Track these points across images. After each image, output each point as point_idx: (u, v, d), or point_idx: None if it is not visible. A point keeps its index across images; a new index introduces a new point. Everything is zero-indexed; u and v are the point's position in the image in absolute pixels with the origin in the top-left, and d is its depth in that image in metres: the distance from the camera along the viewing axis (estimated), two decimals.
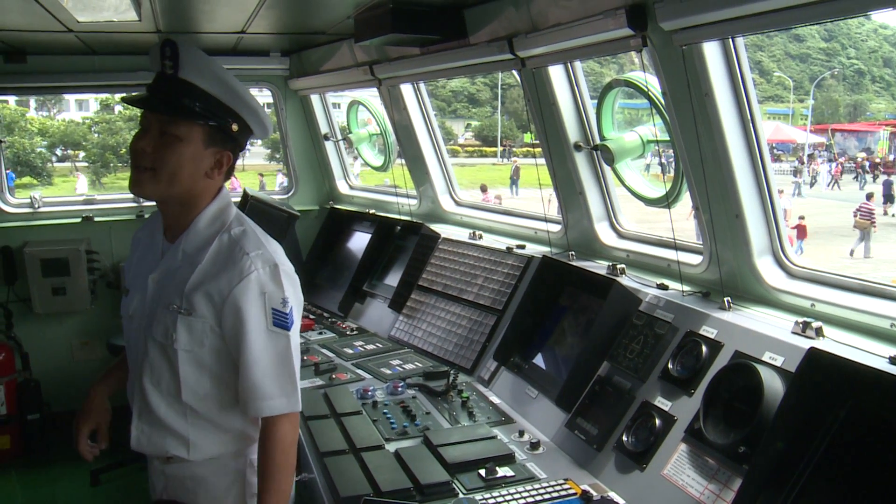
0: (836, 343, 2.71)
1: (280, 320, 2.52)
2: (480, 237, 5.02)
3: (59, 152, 44.07)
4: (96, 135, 41.94)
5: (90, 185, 35.52)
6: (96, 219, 6.45)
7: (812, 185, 39.88)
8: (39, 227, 6.34)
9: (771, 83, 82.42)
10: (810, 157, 46.57)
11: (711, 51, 2.96)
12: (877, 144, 52.64)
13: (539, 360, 3.85)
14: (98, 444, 2.90)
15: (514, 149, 56.09)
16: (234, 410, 2.62)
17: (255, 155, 44.78)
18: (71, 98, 47.23)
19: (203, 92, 2.45)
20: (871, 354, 2.59)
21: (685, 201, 3.59)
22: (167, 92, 2.45)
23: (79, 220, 6.43)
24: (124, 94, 2.85)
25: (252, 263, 2.49)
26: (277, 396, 2.54)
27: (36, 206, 6.41)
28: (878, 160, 44.89)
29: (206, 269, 2.51)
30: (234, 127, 2.55)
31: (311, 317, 5.52)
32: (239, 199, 5.96)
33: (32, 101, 40.46)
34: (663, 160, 3.80)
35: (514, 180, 36.67)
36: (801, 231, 20.86)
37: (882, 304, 2.84)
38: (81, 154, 43.14)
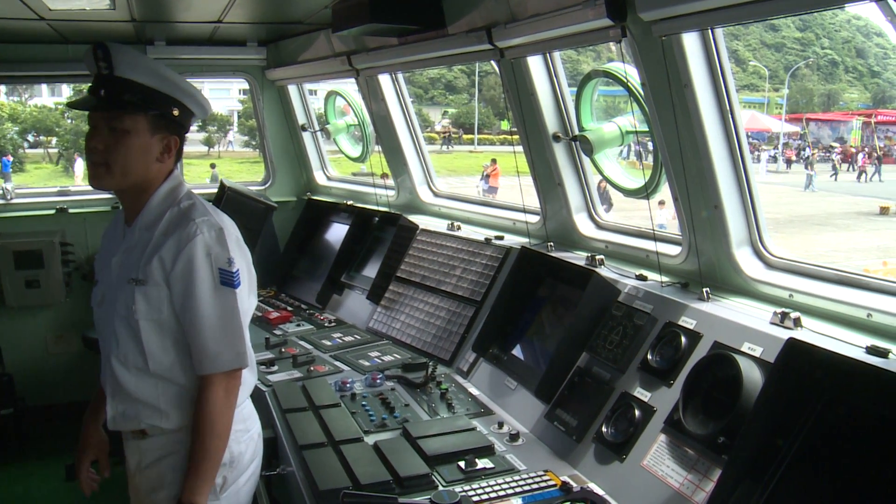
0: (814, 333, 2.74)
1: (227, 279, 2.67)
2: (459, 228, 5.01)
3: (31, 138, 43.49)
4: (69, 120, 41.37)
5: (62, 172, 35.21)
6: (70, 210, 6.36)
7: (834, 175, 39.35)
8: (12, 218, 6.24)
9: (746, 72, 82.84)
10: (785, 145, 46.87)
11: (691, 42, 2.96)
12: (850, 134, 53.15)
13: (518, 352, 3.85)
14: (101, 473, 3.08)
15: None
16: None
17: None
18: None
19: (140, 85, 2.64)
20: (848, 344, 2.61)
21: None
22: (107, 91, 2.64)
23: (53, 211, 6.33)
24: (70, 99, 3.00)
25: (198, 228, 2.66)
26: (225, 352, 2.69)
27: (8, 197, 6.31)
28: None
29: (157, 239, 2.69)
30: (175, 112, 2.74)
31: (289, 308, 5.49)
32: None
33: (2, 86, 39.89)
34: (638, 149, 3.81)
35: None
36: None
37: (859, 294, 2.86)
38: (54, 140, 42.58)
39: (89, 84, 2.75)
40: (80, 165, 33.81)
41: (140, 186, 2.74)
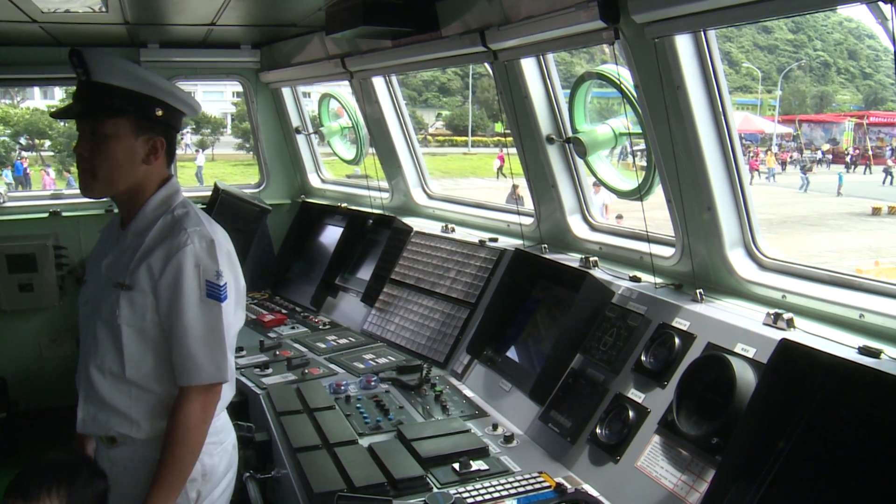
0: (807, 334, 2.74)
1: (213, 291, 2.66)
2: (453, 230, 5.01)
3: (23, 141, 43.33)
4: (63, 123, 41.19)
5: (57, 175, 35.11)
6: (64, 213, 6.32)
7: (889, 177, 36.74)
8: (5, 221, 6.20)
9: (740, 74, 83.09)
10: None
11: (683, 43, 2.96)
12: (842, 135, 53.31)
13: (512, 353, 3.86)
14: None
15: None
16: (176, 385, 2.71)
17: None
18: None
19: (118, 88, 2.63)
20: (841, 345, 2.62)
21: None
22: (87, 96, 2.65)
23: (46, 214, 6.30)
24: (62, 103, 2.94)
25: (189, 237, 2.65)
26: (207, 365, 2.66)
27: (1, 200, 6.29)
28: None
29: (148, 245, 2.68)
30: (159, 112, 2.71)
31: (284, 311, 5.48)
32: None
33: None
34: (634, 151, 3.81)
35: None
36: None
37: (851, 295, 2.87)
38: (47, 143, 42.43)
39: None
40: None
41: (132, 191, 2.74)
